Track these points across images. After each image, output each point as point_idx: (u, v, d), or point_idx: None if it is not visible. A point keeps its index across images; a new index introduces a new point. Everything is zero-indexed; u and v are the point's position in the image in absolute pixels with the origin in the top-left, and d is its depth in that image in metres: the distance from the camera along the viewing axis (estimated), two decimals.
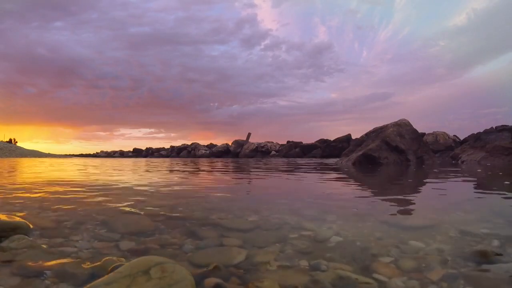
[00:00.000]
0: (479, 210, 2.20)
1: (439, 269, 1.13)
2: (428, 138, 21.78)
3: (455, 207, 2.35)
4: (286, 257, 1.27)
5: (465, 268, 1.14)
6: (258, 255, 1.27)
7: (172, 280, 0.89)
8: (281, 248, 1.36)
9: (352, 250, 1.35)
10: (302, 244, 1.41)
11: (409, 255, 1.28)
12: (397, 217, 1.98)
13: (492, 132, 13.79)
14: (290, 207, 2.29)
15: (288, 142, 38.02)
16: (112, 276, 0.89)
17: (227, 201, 2.71)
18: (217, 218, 1.88)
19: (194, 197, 2.87)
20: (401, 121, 13.19)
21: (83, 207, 2.20)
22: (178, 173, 6.54)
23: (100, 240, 1.43)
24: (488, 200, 2.70)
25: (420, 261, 1.21)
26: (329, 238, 1.50)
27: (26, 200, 2.54)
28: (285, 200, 2.73)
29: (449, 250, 1.33)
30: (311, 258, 1.25)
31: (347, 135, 31.43)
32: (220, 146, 43.22)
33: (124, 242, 1.41)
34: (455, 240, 1.47)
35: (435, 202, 2.71)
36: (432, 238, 1.48)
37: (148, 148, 53.43)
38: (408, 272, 1.12)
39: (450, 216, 1.98)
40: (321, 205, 2.48)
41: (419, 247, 1.37)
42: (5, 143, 44.41)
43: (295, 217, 1.92)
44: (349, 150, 14.18)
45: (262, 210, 2.15)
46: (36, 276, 1.03)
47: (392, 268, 1.15)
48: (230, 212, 2.08)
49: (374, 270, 1.13)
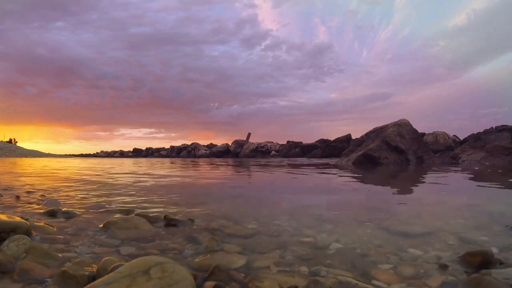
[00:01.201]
0: (479, 217, 2.20)
1: (437, 276, 1.14)
2: (428, 138, 21.76)
3: (455, 213, 2.34)
4: (286, 263, 1.27)
5: (464, 275, 1.14)
6: (258, 260, 1.28)
7: (172, 280, 0.89)
8: (281, 254, 1.37)
9: (352, 257, 1.35)
10: (302, 251, 1.41)
11: (408, 262, 1.29)
12: (396, 223, 1.97)
13: (492, 132, 13.79)
14: (290, 214, 2.30)
15: (288, 142, 37.99)
16: (112, 276, 0.89)
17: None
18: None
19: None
20: (401, 121, 13.19)
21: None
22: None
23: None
24: (487, 207, 2.69)
25: (419, 268, 1.22)
26: (329, 245, 1.50)
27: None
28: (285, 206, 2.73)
29: (448, 257, 1.33)
30: (311, 264, 1.25)
31: (347, 135, 31.39)
32: (220, 146, 43.19)
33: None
34: (454, 247, 1.47)
35: (435, 207, 2.70)
36: (431, 246, 1.48)
37: (148, 148, 53.39)
38: (408, 279, 1.12)
39: (449, 222, 1.98)
40: (321, 209, 2.47)
41: (418, 254, 1.37)
42: (5, 143, 44.40)
43: (295, 224, 1.92)
44: (349, 150, 14.18)
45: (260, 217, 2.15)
46: (38, 283, 1.03)
47: (391, 275, 1.15)
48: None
49: (374, 277, 1.14)
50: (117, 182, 4.65)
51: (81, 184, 4.32)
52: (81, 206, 2.42)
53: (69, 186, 4.07)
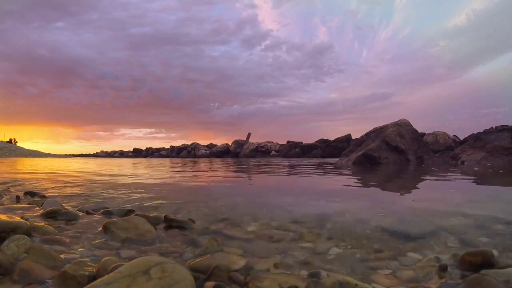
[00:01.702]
0: (479, 214, 2.20)
1: (437, 279, 1.14)
2: (428, 138, 21.77)
3: (454, 212, 2.34)
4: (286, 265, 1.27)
5: (463, 278, 1.14)
6: (258, 264, 1.28)
7: (172, 280, 0.88)
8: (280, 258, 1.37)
9: (351, 261, 1.35)
10: (301, 256, 1.40)
11: (408, 265, 1.28)
12: (396, 224, 1.97)
13: (492, 132, 13.78)
14: (290, 215, 2.30)
15: (288, 142, 38.01)
16: (112, 276, 0.89)
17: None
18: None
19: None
20: (401, 121, 13.19)
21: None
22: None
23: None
24: (487, 204, 2.69)
25: (418, 271, 1.21)
26: (328, 250, 1.49)
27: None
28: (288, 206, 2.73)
29: (447, 259, 1.33)
30: (311, 268, 1.25)
31: (347, 135, 31.41)
32: (220, 146, 43.20)
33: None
34: (454, 249, 1.47)
35: (434, 205, 2.70)
36: (430, 249, 1.48)
37: (148, 148, 53.40)
38: (407, 282, 1.13)
39: (449, 222, 1.98)
40: (321, 209, 2.48)
41: (417, 258, 1.37)
42: (5, 143, 44.36)
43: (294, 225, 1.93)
44: (349, 150, 14.19)
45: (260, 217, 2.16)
46: (38, 283, 1.03)
47: (390, 278, 1.15)
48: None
49: (373, 280, 1.14)
50: (118, 182, 4.66)
51: (81, 183, 4.32)
52: (82, 206, 2.41)
53: (67, 185, 4.07)
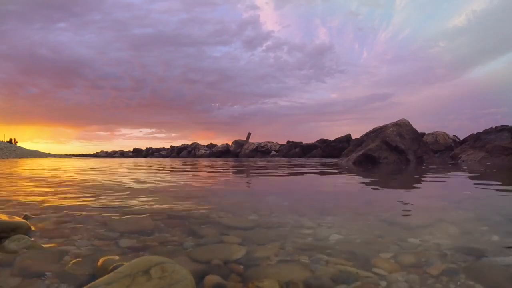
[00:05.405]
0: (479, 209, 2.21)
1: (439, 264, 1.14)
2: (428, 138, 21.76)
3: (455, 206, 2.35)
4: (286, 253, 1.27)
5: (465, 262, 1.15)
6: (258, 251, 1.28)
7: (172, 280, 0.88)
8: (281, 245, 1.37)
9: (352, 246, 1.35)
10: (302, 242, 1.41)
11: (409, 250, 1.29)
12: (396, 216, 1.98)
13: (491, 132, 13.78)
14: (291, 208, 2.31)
15: (288, 142, 38.01)
16: (112, 276, 0.88)
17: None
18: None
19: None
20: (401, 121, 13.19)
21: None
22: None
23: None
24: (487, 200, 2.69)
25: (419, 256, 1.22)
26: (329, 236, 1.50)
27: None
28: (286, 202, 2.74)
29: (448, 245, 1.33)
30: (311, 254, 1.26)
31: (347, 135, 31.38)
32: (220, 146, 43.20)
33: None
34: (455, 237, 1.48)
35: (434, 200, 2.71)
36: (431, 235, 1.49)
37: (148, 148, 53.36)
38: (408, 267, 1.13)
39: (449, 214, 1.99)
40: (322, 202, 2.49)
41: (418, 243, 1.37)
42: (5, 143, 44.38)
43: (295, 216, 1.93)
44: (349, 150, 14.19)
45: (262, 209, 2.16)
46: (37, 277, 1.03)
47: (391, 264, 1.16)
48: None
49: (374, 265, 1.14)
50: (119, 184, 4.67)
51: (86, 188, 4.33)
52: (81, 205, 2.42)
53: (69, 190, 4.07)
